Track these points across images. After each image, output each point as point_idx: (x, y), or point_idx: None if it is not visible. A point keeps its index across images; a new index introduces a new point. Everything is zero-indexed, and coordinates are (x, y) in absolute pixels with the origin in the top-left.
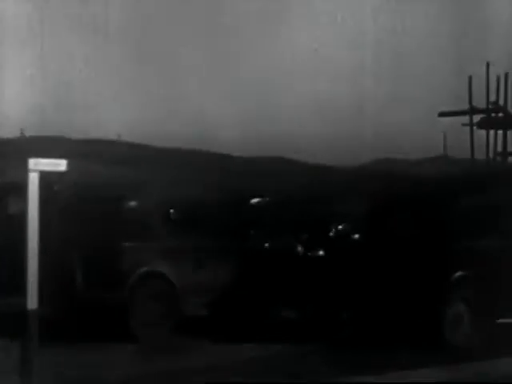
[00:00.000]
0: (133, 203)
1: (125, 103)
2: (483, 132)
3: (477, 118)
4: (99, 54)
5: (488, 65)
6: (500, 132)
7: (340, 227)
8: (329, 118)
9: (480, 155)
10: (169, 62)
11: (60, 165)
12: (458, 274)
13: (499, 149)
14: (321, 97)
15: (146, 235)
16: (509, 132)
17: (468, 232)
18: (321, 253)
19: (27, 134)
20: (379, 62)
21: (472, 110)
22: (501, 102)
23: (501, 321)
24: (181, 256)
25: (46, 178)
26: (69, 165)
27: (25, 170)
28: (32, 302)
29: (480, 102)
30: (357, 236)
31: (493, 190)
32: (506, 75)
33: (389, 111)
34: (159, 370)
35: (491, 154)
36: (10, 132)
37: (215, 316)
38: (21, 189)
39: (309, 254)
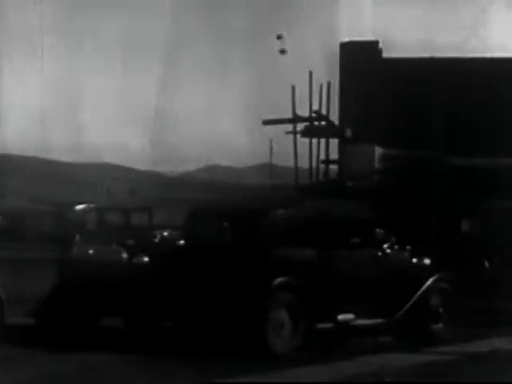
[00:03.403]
0: None
1: None
2: (307, 140)
3: (301, 126)
4: None
5: (311, 74)
6: (323, 140)
7: (165, 234)
8: (156, 126)
9: (304, 163)
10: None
11: None
12: (279, 280)
13: (322, 157)
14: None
15: None
16: (331, 140)
17: (288, 240)
18: (145, 259)
19: None
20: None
21: (295, 119)
22: (323, 111)
23: (321, 326)
24: (4, 264)
25: None
26: None
27: None
28: None
29: (304, 111)
30: (181, 243)
31: (312, 200)
32: (329, 84)
33: (216, 120)
34: None
35: (314, 162)
36: None
37: (39, 325)
38: None
39: (133, 260)
